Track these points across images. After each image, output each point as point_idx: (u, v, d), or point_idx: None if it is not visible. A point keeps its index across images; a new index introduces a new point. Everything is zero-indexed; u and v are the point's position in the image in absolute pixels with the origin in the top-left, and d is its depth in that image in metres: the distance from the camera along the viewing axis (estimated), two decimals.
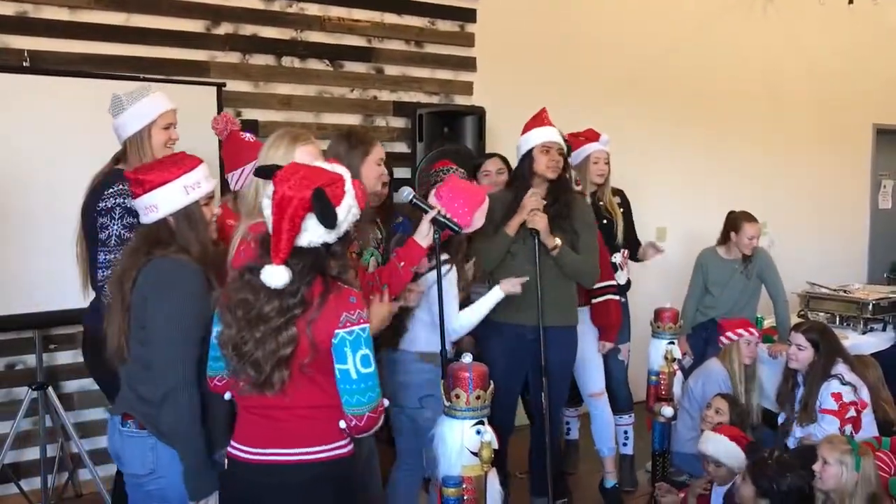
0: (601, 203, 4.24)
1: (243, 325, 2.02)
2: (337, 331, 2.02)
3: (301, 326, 2.00)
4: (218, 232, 2.83)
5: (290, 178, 1.99)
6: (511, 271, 3.32)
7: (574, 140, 4.19)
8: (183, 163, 2.31)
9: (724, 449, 3.47)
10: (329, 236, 2.03)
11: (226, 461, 2.14)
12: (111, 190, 2.78)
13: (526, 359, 3.45)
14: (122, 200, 2.74)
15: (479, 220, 2.97)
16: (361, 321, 2.05)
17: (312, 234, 2.01)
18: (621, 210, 4.31)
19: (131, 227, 2.72)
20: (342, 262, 2.08)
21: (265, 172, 2.09)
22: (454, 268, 3.02)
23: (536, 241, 3.36)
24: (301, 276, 2.01)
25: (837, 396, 3.73)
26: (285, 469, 2.06)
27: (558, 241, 3.40)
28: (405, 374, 3.01)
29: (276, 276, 1.97)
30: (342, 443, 2.11)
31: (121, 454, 2.34)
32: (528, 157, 3.49)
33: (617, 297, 3.98)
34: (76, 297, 3.63)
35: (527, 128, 3.55)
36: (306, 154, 2.49)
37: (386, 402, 2.13)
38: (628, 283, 4.33)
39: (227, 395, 2.19)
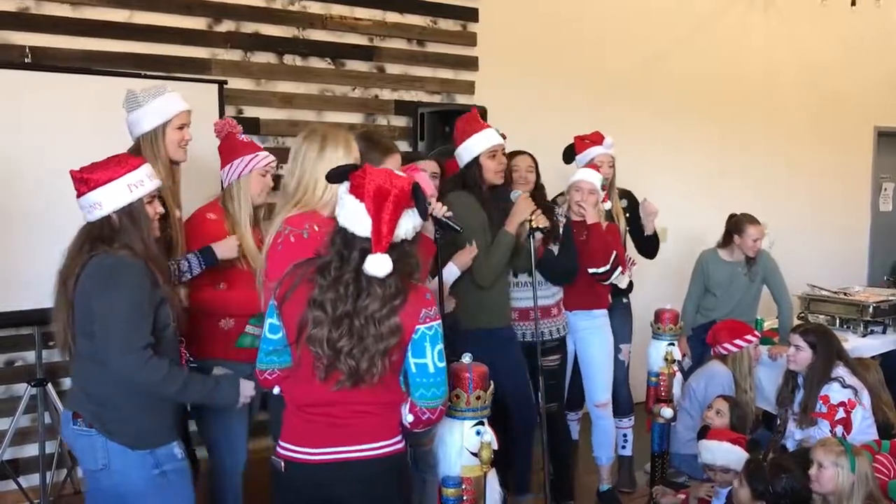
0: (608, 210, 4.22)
1: (338, 320, 2.05)
2: (418, 326, 2.08)
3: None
4: (196, 225, 2.97)
5: (381, 174, 2.05)
6: (478, 275, 3.33)
7: (579, 143, 4.19)
8: (126, 162, 2.38)
9: (725, 453, 3.47)
10: (413, 232, 2.09)
11: (282, 464, 2.16)
12: None
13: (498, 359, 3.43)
14: None
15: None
16: (437, 317, 2.13)
17: (405, 226, 2.07)
18: (626, 214, 4.28)
19: None
20: (416, 259, 2.14)
21: (338, 175, 2.12)
22: None
23: (532, 240, 3.35)
24: (396, 268, 2.05)
25: (825, 399, 3.74)
26: (347, 465, 2.11)
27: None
28: None
29: (381, 264, 2.02)
30: (398, 438, 2.18)
31: (74, 448, 2.40)
32: (475, 165, 3.42)
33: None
34: None
35: (464, 133, 3.45)
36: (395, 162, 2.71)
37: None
38: (630, 285, 4.32)
39: (276, 390, 2.23)
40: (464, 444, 2.61)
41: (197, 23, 4.23)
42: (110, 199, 2.32)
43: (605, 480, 4.18)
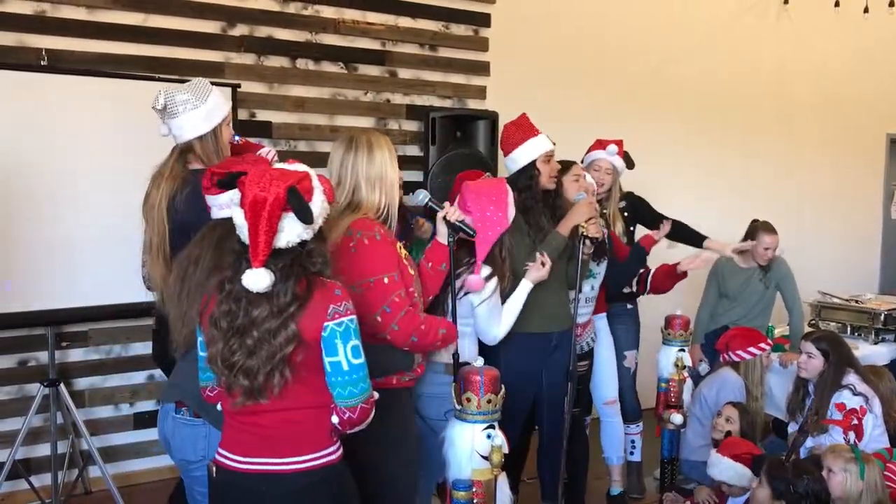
0: (605, 212, 4.19)
1: (230, 336, 2.01)
2: (326, 323, 2.01)
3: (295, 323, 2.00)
4: None
5: (259, 180, 1.97)
6: (552, 280, 3.26)
7: (596, 145, 4.20)
8: (262, 159, 2.39)
9: (730, 471, 3.47)
10: (306, 234, 2.01)
11: (214, 469, 2.12)
12: None
13: (544, 365, 3.41)
14: None
15: (512, 210, 2.97)
16: (349, 312, 2.04)
17: (290, 233, 1.99)
18: (625, 213, 4.25)
19: None
20: (322, 258, 2.07)
21: (228, 181, 2.06)
22: (495, 278, 2.98)
23: (581, 248, 3.29)
24: (285, 275, 1.99)
25: (841, 406, 3.72)
26: (278, 478, 2.03)
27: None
28: (429, 385, 2.90)
29: (258, 279, 1.95)
30: (332, 449, 2.09)
31: (171, 440, 2.37)
32: (532, 169, 3.35)
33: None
34: (89, 294, 3.68)
35: (518, 138, 3.38)
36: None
37: (376, 395, 2.11)
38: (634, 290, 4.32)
39: (219, 406, 2.17)
40: (474, 448, 2.62)
41: (211, 26, 4.26)
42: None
43: (617, 483, 4.17)
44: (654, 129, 5.65)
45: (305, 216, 1.98)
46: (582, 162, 4.19)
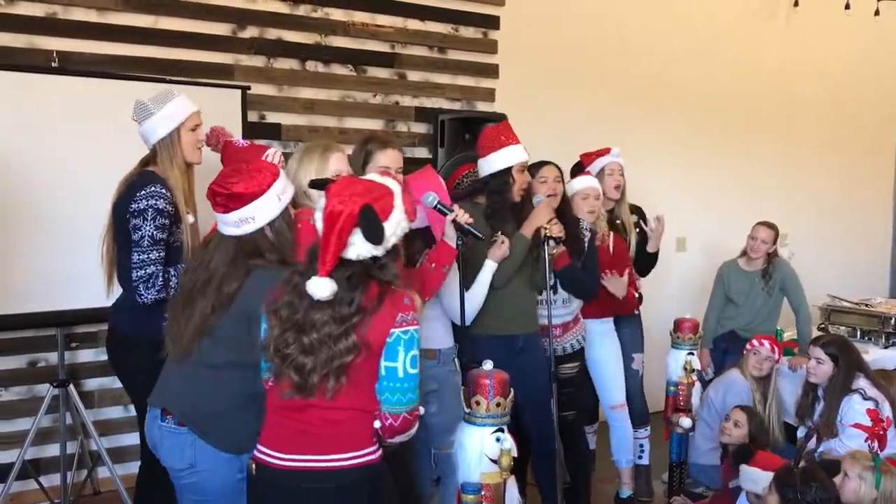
0: (618, 221, 4.20)
1: (287, 327, 2.05)
2: (393, 329, 2.05)
3: (357, 332, 2.03)
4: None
5: (342, 192, 2.02)
6: (515, 282, 3.31)
7: (586, 158, 4.20)
8: (267, 170, 2.32)
9: (755, 478, 3.40)
10: (377, 250, 2.05)
11: (254, 466, 2.14)
12: (143, 192, 2.80)
13: (511, 368, 3.41)
14: (154, 202, 2.79)
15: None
16: (415, 322, 2.09)
17: (360, 248, 2.03)
18: (637, 229, 4.26)
19: (163, 228, 2.80)
20: (392, 273, 2.10)
21: (318, 185, 2.13)
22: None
23: (546, 248, 3.32)
24: (351, 286, 2.03)
25: (874, 413, 3.69)
26: (318, 475, 2.07)
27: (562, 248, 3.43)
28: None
29: (320, 287, 1.99)
30: (372, 449, 2.12)
31: (159, 446, 2.38)
32: (507, 175, 3.35)
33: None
34: (98, 295, 3.67)
35: (499, 142, 3.37)
36: (339, 160, 2.64)
37: (422, 410, 2.14)
38: (640, 297, 4.31)
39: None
40: (483, 451, 2.62)
41: (221, 29, 4.27)
42: (263, 212, 2.28)
43: (626, 486, 4.16)
44: (660, 131, 5.65)
45: (373, 237, 2.02)
46: (586, 172, 4.18)
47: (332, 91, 4.61)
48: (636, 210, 4.36)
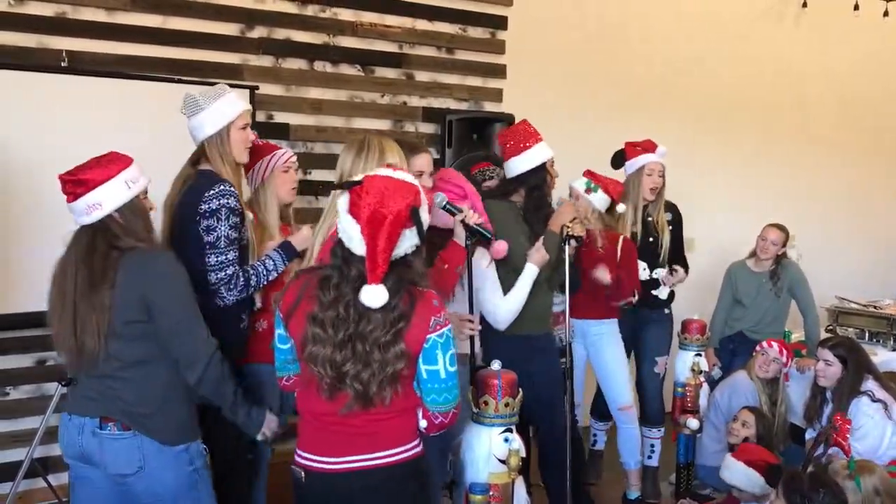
0: (650, 219, 4.18)
1: (341, 343, 2.02)
2: (429, 335, 2.05)
3: (403, 338, 2.02)
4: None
5: (374, 192, 1.98)
6: (538, 281, 3.30)
7: (630, 149, 4.17)
8: (118, 160, 2.37)
9: (742, 476, 3.45)
10: (412, 248, 2.05)
11: (302, 474, 2.14)
12: (213, 192, 2.69)
13: (534, 367, 3.42)
14: (226, 201, 2.69)
15: None
16: (447, 322, 2.09)
17: (400, 249, 2.01)
18: (669, 227, 4.23)
19: (236, 227, 2.72)
20: (421, 270, 2.10)
21: (346, 186, 2.09)
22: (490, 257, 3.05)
23: (567, 247, 3.33)
24: (395, 291, 2.01)
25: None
26: (367, 473, 2.09)
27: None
28: None
29: (377, 296, 1.97)
30: (416, 442, 2.16)
31: (96, 455, 2.32)
32: (542, 171, 3.42)
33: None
34: None
35: (527, 140, 3.42)
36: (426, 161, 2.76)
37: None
38: (671, 295, 4.29)
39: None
40: (492, 451, 2.62)
41: (229, 29, 4.28)
42: (111, 198, 2.31)
43: (634, 487, 4.15)
44: (668, 132, 5.59)
45: (424, 235, 2.02)
46: (624, 168, 4.17)
47: (341, 91, 4.61)
48: (671, 207, 4.32)
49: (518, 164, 3.42)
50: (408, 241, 2.01)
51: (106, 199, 2.30)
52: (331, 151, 4.53)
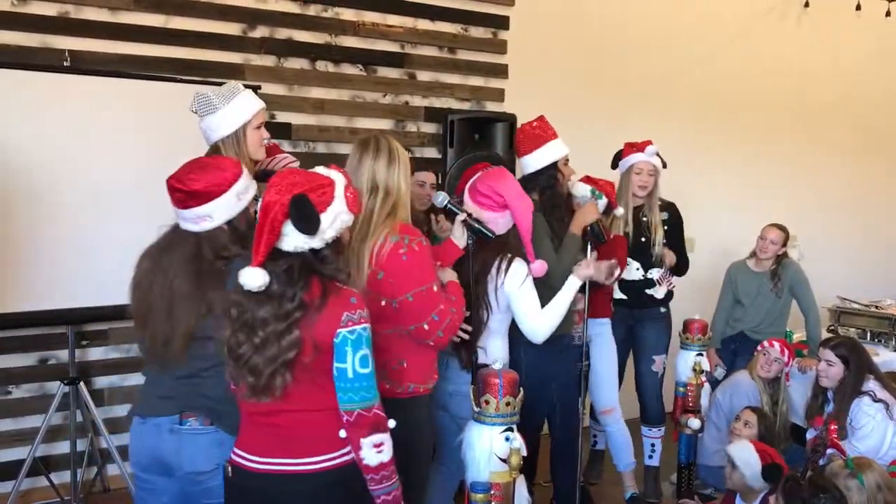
0: (644, 219, 4.15)
1: (237, 328, 2.04)
2: (339, 330, 2.02)
3: (303, 328, 2.01)
4: None
5: (280, 182, 2.02)
6: (556, 279, 3.28)
7: (627, 149, 4.17)
8: (229, 168, 2.29)
9: (745, 456, 3.43)
10: (314, 242, 2.02)
11: (229, 470, 2.12)
12: None
13: (558, 366, 3.43)
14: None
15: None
16: (363, 321, 2.05)
17: (295, 239, 2.00)
18: (665, 227, 4.19)
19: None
20: (333, 266, 2.07)
21: (263, 177, 2.12)
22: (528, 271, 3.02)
23: (590, 244, 3.37)
24: (290, 280, 2.01)
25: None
26: (293, 478, 2.05)
27: None
28: (462, 384, 2.92)
29: (252, 277, 1.97)
30: (346, 450, 2.08)
31: (176, 456, 2.27)
32: (554, 169, 3.42)
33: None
34: (109, 293, 3.69)
35: (541, 138, 3.43)
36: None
37: (392, 423, 2.09)
38: (669, 294, 4.28)
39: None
40: (493, 450, 2.62)
41: (232, 28, 4.28)
42: (221, 210, 2.25)
43: (630, 487, 4.15)
44: (669, 132, 5.61)
45: (306, 227, 1.99)
46: (616, 167, 4.18)
47: (343, 91, 4.62)
48: (667, 206, 4.29)
49: (529, 164, 3.45)
50: (295, 233, 1.99)
51: (217, 211, 2.24)
52: (333, 151, 4.54)
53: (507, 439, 2.63)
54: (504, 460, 2.63)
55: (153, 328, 2.26)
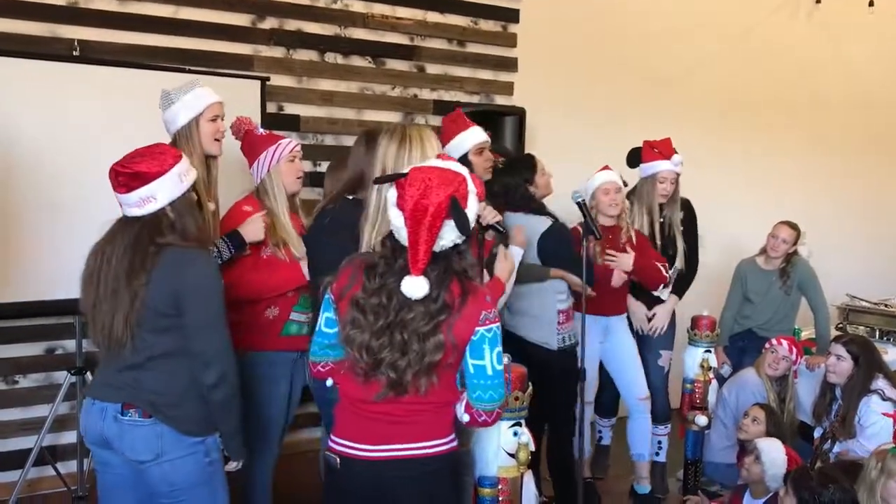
0: (663, 220, 4.15)
1: (380, 330, 2.03)
2: (477, 328, 2.05)
3: (444, 330, 2.02)
4: (233, 217, 3.01)
5: (418, 184, 1.98)
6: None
7: (647, 151, 4.12)
8: (170, 152, 2.36)
9: (774, 454, 3.38)
10: (460, 239, 2.04)
11: (337, 460, 2.14)
12: None
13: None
14: None
15: None
16: (497, 319, 2.09)
17: (447, 239, 2.01)
18: (681, 227, 4.19)
19: None
20: (469, 260, 2.10)
21: (386, 180, 2.10)
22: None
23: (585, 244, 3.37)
24: (440, 282, 2.02)
25: None
26: (405, 463, 2.09)
27: None
28: None
29: (417, 287, 1.98)
30: (453, 436, 2.16)
31: (117, 441, 2.33)
32: (463, 161, 3.24)
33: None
34: None
35: (452, 131, 3.37)
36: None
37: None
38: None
39: (329, 382, 2.25)
40: (501, 445, 2.62)
41: (241, 19, 4.28)
42: (165, 191, 2.29)
43: (644, 480, 4.13)
44: (679, 128, 5.53)
45: (464, 227, 2.00)
46: (639, 170, 4.14)
47: (351, 83, 4.61)
48: (684, 205, 4.27)
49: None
50: (451, 232, 2.00)
51: (161, 192, 2.29)
52: (341, 143, 4.53)
53: (515, 434, 2.62)
54: (512, 455, 2.62)
55: (102, 319, 2.30)
